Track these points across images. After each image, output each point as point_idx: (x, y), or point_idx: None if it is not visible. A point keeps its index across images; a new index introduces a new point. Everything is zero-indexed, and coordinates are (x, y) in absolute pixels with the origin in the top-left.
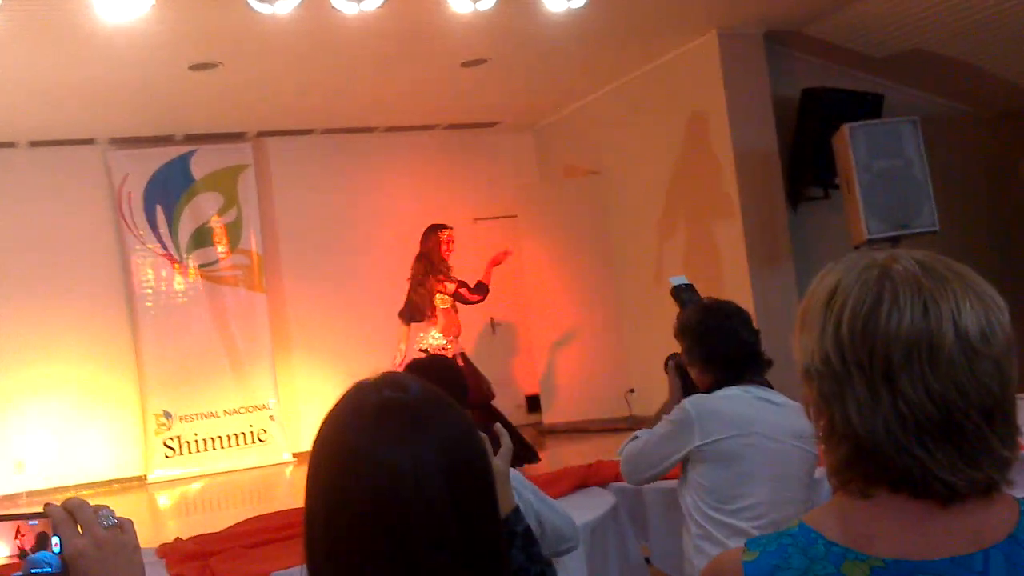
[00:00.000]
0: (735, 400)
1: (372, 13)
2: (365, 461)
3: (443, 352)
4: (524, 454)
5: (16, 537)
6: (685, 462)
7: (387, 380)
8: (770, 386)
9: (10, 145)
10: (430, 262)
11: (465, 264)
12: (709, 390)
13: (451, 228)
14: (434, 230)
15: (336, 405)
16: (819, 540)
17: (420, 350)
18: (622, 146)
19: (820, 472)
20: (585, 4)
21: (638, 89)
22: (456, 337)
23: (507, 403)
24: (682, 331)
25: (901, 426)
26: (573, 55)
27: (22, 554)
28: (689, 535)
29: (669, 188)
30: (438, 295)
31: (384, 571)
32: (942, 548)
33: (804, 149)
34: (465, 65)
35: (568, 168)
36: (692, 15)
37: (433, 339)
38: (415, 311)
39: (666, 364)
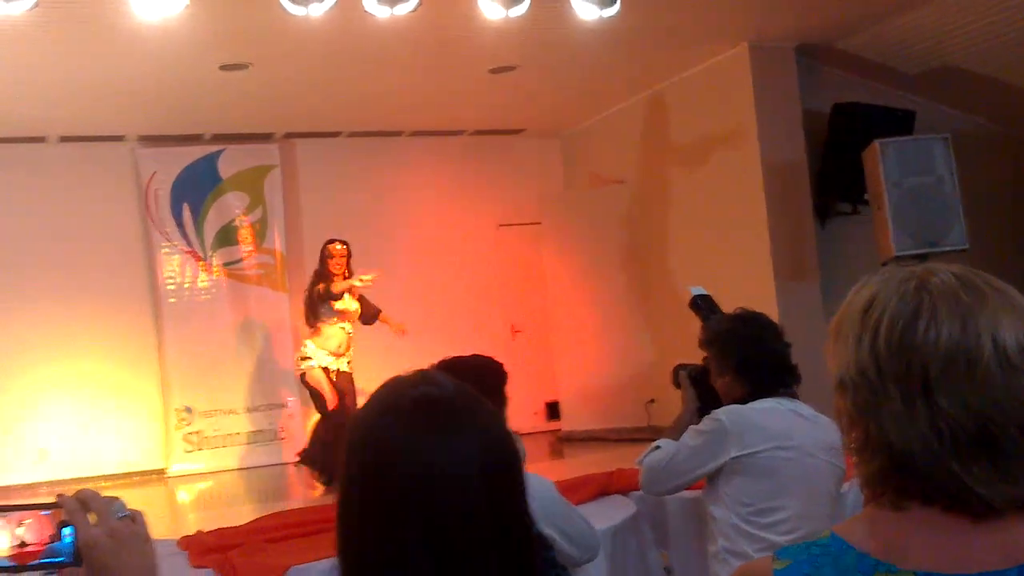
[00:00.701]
0: (770, 412)
1: (404, 17)
2: (401, 456)
3: (302, 365)
4: None
5: (19, 526)
6: (715, 473)
7: (422, 376)
8: (798, 399)
9: (40, 140)
10: (317, 274)
11: (487, 269)
12: (739, 401)
13: (343, 243)
14: (324, 244)
15: (371, 400)
16: (851, 551)
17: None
18: (650, 156)
19: (845, 486)
20: (617, 13)
21: (667, 99)
22: (335, 353)
23: (525, 410)
24: (713, 339)
25: (937, 439)
26: (602, 64)
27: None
28: (715, 545)
29: (695, 200)
30: (323, 308)
31: (418, 565)
32: (975, 563)
33: (833, 164)
34: (494, 71)
35: (594, 177)
36: (724, 27)
37: (304, 350)
38: (305, 319)
39: (675, 375)
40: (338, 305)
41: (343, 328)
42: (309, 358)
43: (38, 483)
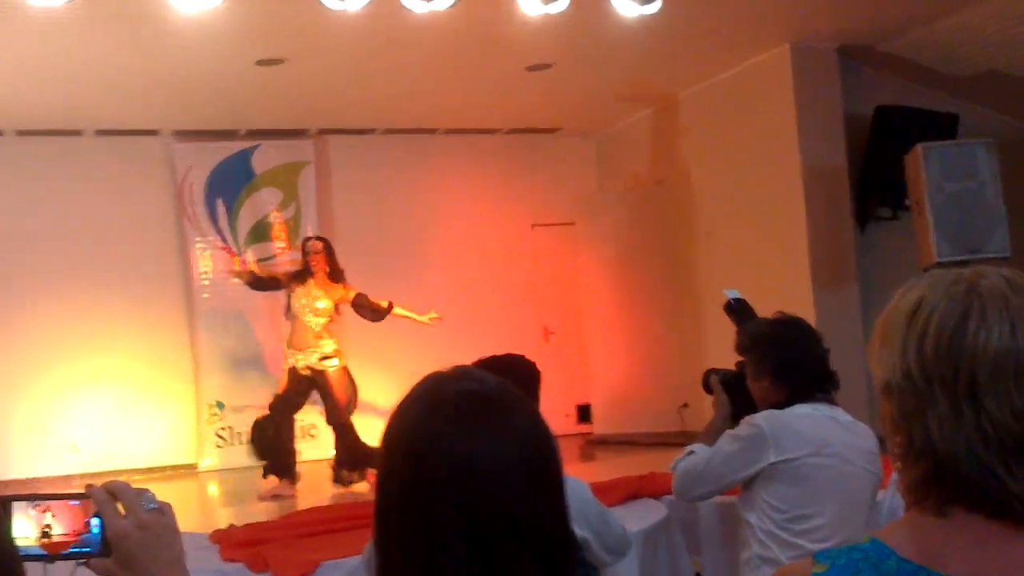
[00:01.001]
0: (808, 418)
1: (441, 13)
2: (443, 451)
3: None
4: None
5: (49, 516)
6: (751, 479)
7: (462, 372)
8: (836, 405)
9: (76, 133)
10: (299, 271)
11: (520, 270)
12: (777, 406)
13: (320, 239)
14: (303, 241)
15: (410, 395)
16: (891, 556)
17: None
18: (687, 157)
19: (880, 494)
20: (658, 11)
21: (706, 100)
22: (295, 347)
23: (556, 412)
24: (752, 343)
25: (983, 444)
26: (641, 63)
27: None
28: (748, 551)
29: (733, 202)
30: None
31: (457, 562)
32: (1017, 571)
33: (875, 168)
34: (530, 69)
35: (630, 177)
36: (766, 27)
37: None
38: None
39: (706, 380)
40: (295, 304)
41: (306, 323)
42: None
43: (70, 475)
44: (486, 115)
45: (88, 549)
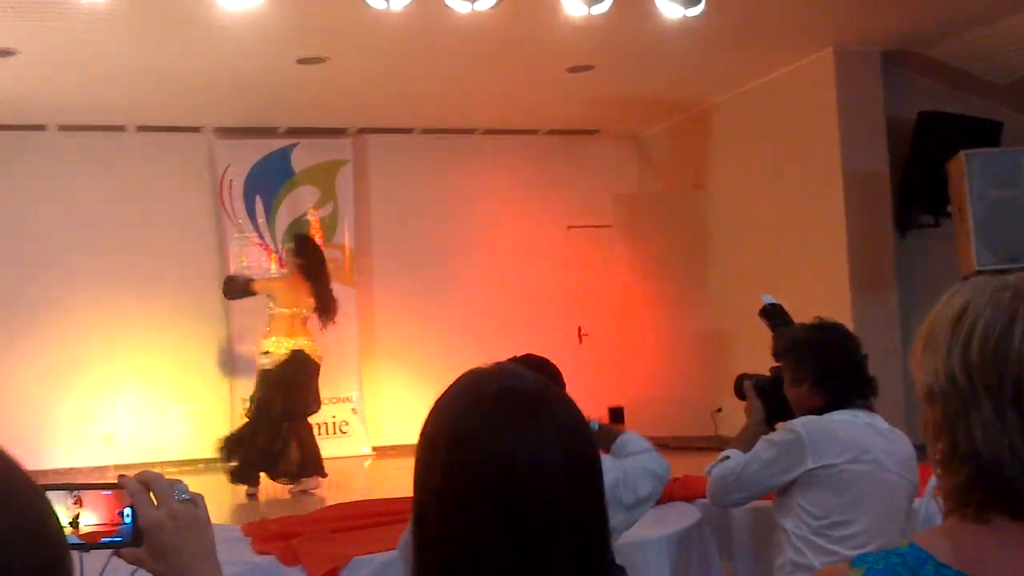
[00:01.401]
0: (847, 424)
1: (484, 13)
2: (485, 447)
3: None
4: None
5: (81, 506)
6: (788, 484)
7: (502, 369)
8: (875, 412)
9: (119, 129)
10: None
11: (555, 271)
12: (815, 411)
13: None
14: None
15: (450, 391)
16: (930, 561)
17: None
18: (727, 161)
19: (917, 502)
20: (701, 13)
21: (747, 103)
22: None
23: (589, 414)
24: (791, 348)
25: None
26: (683, 65)
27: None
28: (783, 558)
29: (773, 207)
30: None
31: (498, 558)
32: None
33: (916, 174)
34: (571, 71)
35: (669, 180)
36: (809, 30)
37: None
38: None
39: (738, 385)
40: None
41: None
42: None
43: (105, 467)
44: (526, 116)
45: (120, 539)
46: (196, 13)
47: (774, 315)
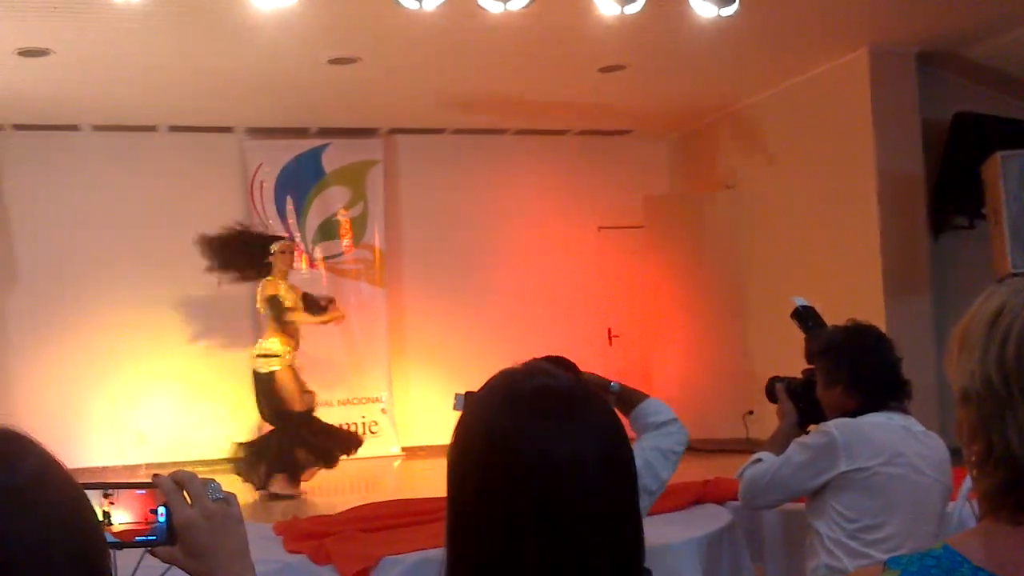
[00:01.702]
0: (882, 427)
1: (516, 13)
2: (522, 448)
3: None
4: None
5: (115, 505)
6: (821, 487)
7: (536, 368)
8: (909, 414)
9: (151, 129)
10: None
11: (585, 272)
12: (849, 414)
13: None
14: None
15: (485, 391)
16: (965, 564)
17: None
18: (759, 161)
19: (950, 505)
20: (735, 13)
21: (781, 104)
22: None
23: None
24: (825, 350)
25: None
26: (715, 65)
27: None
28: (816, 560)
29: (805, 208)
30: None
31: (534, 558)
32: None
33: (951, 176)
34: (603, 71)
35: (701, 181)
36: (844, 30)
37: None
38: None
39: (770, 388)
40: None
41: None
42: (277, 356)
43: (137, 465)
44: (557, 116)
45: (154, 537)
46: (229, 14)
47: (806, 317)
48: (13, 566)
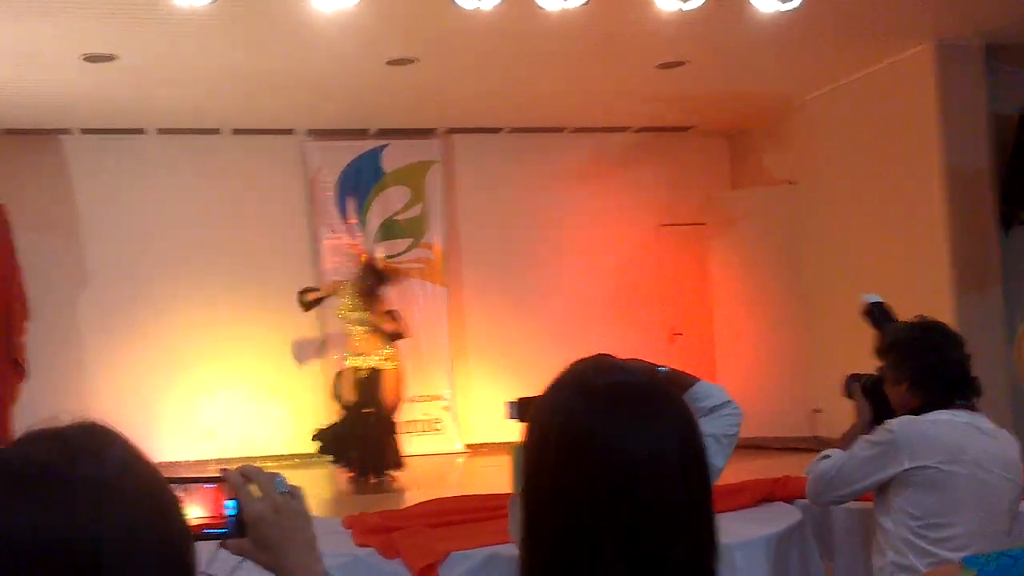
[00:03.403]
0: (945, 425)
1: (574, 11)
2: (600, 444)
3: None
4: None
5: (185, 499)
6: (886, 485)
7: (608, 363)
8: (977, 412)
9: (214, 132)
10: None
11: (646, 270)
12: (915, 412)
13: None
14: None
15: (557, 386)
16: None
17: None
18: (823, 157)
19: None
20: (799, 5)
21: (845, 98)
22: (356, 352)
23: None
24: (891, 347)
25: None
26: (777, 60)
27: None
28: (883, 559)
29: (871, 203)
30: None
31: (613, 555)
32: None
33: (1020, 170)
34: (662, 67)
35: (762, 177)
36: (909, 23)
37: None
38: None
39: (847, 386)
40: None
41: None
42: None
43: (206, 460)
44: (615, 113)
45: (225, 530)
46: (289, 17)
47: (877, 315)
48: (102, 556)
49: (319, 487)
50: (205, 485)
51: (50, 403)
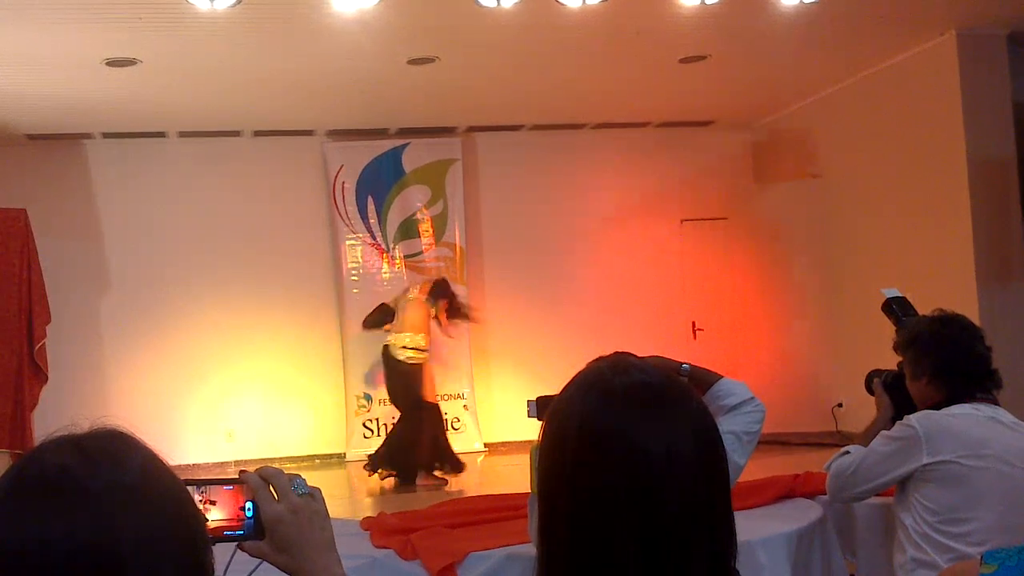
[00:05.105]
0: (966, 418)
1: (594, 6)
2: (618, 444)
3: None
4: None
5: (204, 500)
6: (906, 480)
7: (626, 362)
8: (998, 405)
9: (235, 134)
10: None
11: (668, 265)
12: (935, 406)
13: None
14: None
15: (575, 385)
16: None
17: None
18: (846, 149)
19: None
20: None
21: (867, 90)
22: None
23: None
24: (911, 341)
25: None
26: (799, 52)
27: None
28: (904, 555)
29: (894, 196)
30: None
31: (631, 554)
32: None
33: None
34: (683, 61)
35: (785, 171)
36: (931, 13)
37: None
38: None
39: (869, 382)
40: None
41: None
42: (425, 350)
43: (226, 462)
44: (637, 108)
45: (242, 532)
46: (309, 18)
47: (897, 309)
48: (123, 559)
49: (340, 488)
50: (224, 487)
51: (71, 407)
